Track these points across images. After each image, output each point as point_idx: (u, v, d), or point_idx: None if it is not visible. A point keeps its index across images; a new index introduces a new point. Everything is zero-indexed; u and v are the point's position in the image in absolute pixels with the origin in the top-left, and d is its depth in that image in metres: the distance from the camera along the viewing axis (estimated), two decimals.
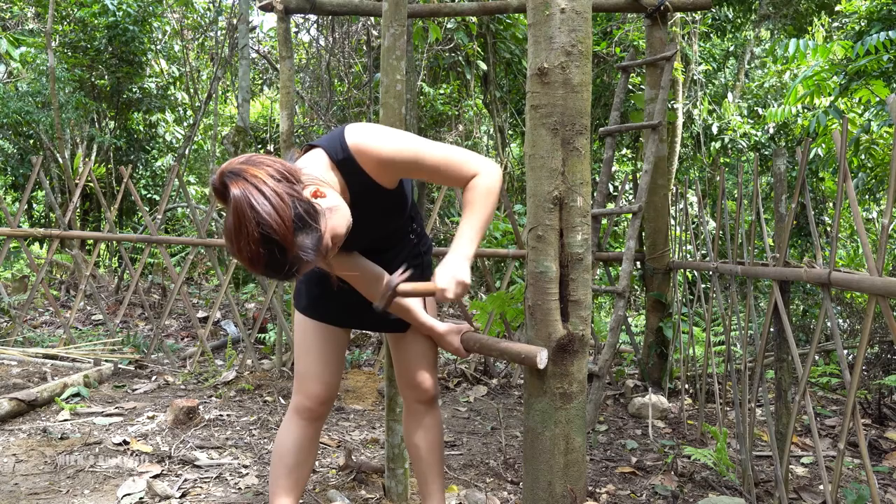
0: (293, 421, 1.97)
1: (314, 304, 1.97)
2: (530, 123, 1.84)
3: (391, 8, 2.34)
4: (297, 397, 1.98)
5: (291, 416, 1.98)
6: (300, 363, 1.98)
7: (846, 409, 1.79)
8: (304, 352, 1.98)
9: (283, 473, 1.94)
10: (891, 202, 1.61)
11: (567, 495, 1.84)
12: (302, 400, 1.97)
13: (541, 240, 1.82)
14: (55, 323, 5.90)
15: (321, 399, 1.97)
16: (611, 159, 4.22)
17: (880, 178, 6.07)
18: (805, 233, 8.39)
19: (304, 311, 1.98)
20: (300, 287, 2.00)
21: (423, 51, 7.97)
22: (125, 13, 8.71)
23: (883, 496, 2.61)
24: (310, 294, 1.97)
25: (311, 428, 1.98)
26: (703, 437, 3.28)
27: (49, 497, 2.45)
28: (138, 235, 5.04)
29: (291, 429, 1.97)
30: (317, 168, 1.61)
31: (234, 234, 1.35)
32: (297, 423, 1.97)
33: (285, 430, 1.98)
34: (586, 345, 1.86)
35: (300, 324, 1.99)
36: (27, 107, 8.21)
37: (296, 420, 1.97)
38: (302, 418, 1.97)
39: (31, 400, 3.43)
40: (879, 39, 4.74)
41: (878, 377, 3.78)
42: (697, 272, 4.01)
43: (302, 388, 1.97)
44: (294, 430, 1.96)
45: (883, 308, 1.69)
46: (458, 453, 3.07)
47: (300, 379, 1.98)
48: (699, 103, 9.92)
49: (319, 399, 1.97)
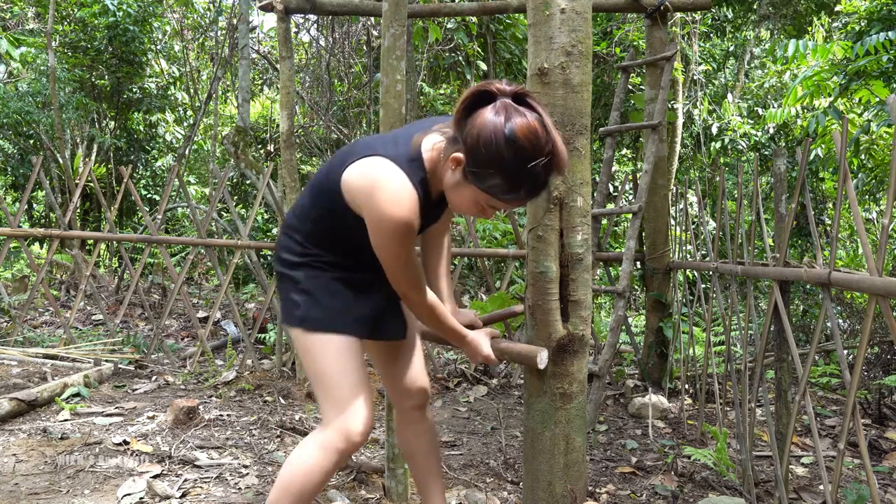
0: (333, 461, 1.71)
1: (361, 321, 1.77)
2: None
3: (391, 8, 2.34)
4: (348, 433, 1.70)
5: (333, 456, 1.70)
6: (346, 392, 1.71)
7: (846, 409, 1.79)
8: (351, 379, 1.72)
9: (304, 501, 1.74)
10: (891, 202, 1.61)
11: (567, 495, 1.84)
12: (354, 437, 1.70)
13: (541, 240, 1.82)
14: (55, 323, 5.90)
15: (370, 428, 1.74)
16: (611, 159, 4.22)
17: (880, 179, 6.08)
18: (805, 233, 8.39)
19: (348, 329, 1.74)
20: (331, 304, 1.74)
21: (423, 51, 7.97)
22: (125, 13, 8.71)
23: (883, 496, 2.61)
24: (352, 309, 1.76)
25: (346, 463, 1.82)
26: (703, 437, 3.28)
27: (49, 497, 2.45)
28: (138, 235, 5.04)
29: (327, 468, 1.71)
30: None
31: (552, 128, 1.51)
32: (336, 462, 1.72)
33: (318, 468, 1.71)
34: (586, 345, 1.86)
35: (338, 346, 1.72)
36: (27, 107, 8.21)
37: (336, 460, 1.71)
38: (345, 458, 1.73)
39: (32, 400, 3.43)
40: (879, 40, 4.74)
41: (878, 377, 3.78)
42: (697, 272, 4.01)
43: (354, 423, 1.70)
44: (330, 469, 1.72)
45: (883, 308, 1.69)
46: (458, 453, 3.08)
47: (351, 412, 1.70)
48: (699, 103, 9.92)
49: (370, 428, 1.74)
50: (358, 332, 1.76)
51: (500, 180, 1.49)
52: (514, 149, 1.45)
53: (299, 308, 1.74)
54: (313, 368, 1.75)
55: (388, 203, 1.54)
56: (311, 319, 1.73)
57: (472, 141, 1.48)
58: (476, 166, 1.50)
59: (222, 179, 4.57)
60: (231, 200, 4.70)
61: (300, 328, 1.73)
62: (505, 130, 1.45)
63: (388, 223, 1.55)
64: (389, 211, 1.54)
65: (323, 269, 1.76)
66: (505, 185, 1.50)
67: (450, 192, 1.61)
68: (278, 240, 1.84)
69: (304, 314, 1.73)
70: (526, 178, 1.49)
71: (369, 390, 1.76)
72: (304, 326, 1.73)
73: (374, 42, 8.28)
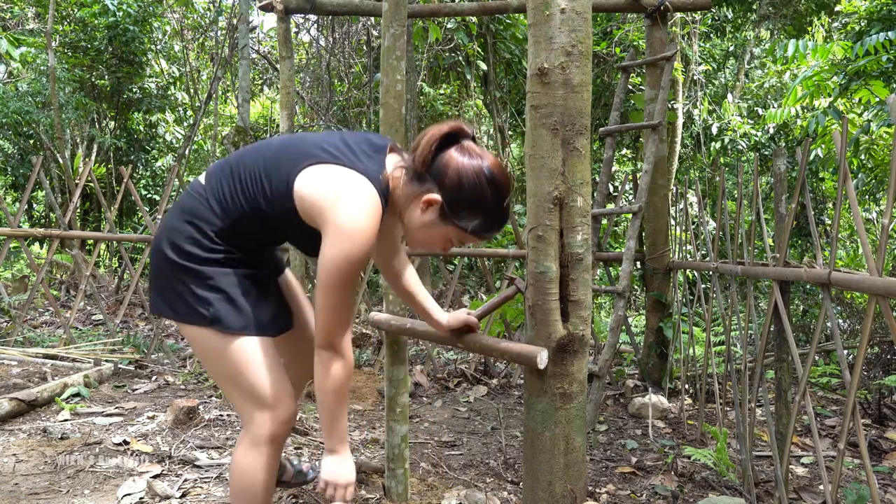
0: (267, 453, 1.70)
1: (272, 320, 1.74)
2: (530, 123, 1.84)
3: (391, 8, 2.34)
4: (271, 425, 1.69)
5: (264, 448, 1.70)
6: (263, 385, 1.67)
7: (846, 409, 1.79)
8: (266, 370, 1.68)
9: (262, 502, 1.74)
10: (891, 202, 1.61)
11: (567, 495, 1.84)
12: (278, 426, 1.70)
13: (541, 240, 1.82)
14: (55, 323, 5.90)
15: (295, 417, 1.75)
16: (611, 159, 4.22)
17: (880, 179, 6.08)
18: (805, 233, 8.39)
19: (264, 330, 1.71)
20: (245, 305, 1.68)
21: (423, 51, 7.98)
22: (125, 13, 8.72)
23: (883, 496, 2.61)
24: (262, 309, 1.72)
25: (280, 452, 1.79)
26: (703, 437, 3.29)
27: (49, 497, 2.45)
28: (138, 235, 5.04)
29: (266, 462, 1.71)
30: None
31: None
32: (271, 453, 1.71)
33: (258, 465, 1.70)
34: (586, 345, 1.86)
35: (257, 348, 1.68)
36: (27, 107, 8.22)
37: (270, 451, 1.71)
38: (276, 446, 1.72)
39: (32, 400, 3.43)
40: (879, 40, 4.74)
41: (878, 377, 3.78)
42: (697, 272, 4.01)
43: (277, 413, 1.69)
44: (269, 462, 1.71)
45: (883, 308, 1.69)
46: (458, 453, 3.08)
47: (272, 403, 1.69)
48: (699, 103, 9.92)
49: (294, 417, 1.75)
50: (271, 332, 1.72)
51: (481, 220, 1.58)
52: (495, 188, 1.57)
53: (209, 307, 1.64)
54: (226, 370, 1.68)
55: (358, 218, 1.50)
56: (225, 321, 1.64)
57: (451, 183, 1.55)
58: (459, 208, 1.56)
59: None
60: None
61: (211, 329, 1.64)
62: (485, 172, 1.56)
63: (350, 238, 1.50)
64: (359, 226, 1.50)
65: (233, 266, 1.68)
66: (486, 223, 1.60)
67: (416, 230, 1.64)
68: (175, 226, 1.67)
69: (216, 314, 1.64)
70: (503, 214, 1.62)
71: (289, 382, 1.74)
72: (216, 328, 1.64)
73: (374, 42, 8.28)
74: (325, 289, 1.55)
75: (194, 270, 1.64)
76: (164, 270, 1.68)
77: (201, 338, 1.67)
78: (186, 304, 1.65)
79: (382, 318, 2.38)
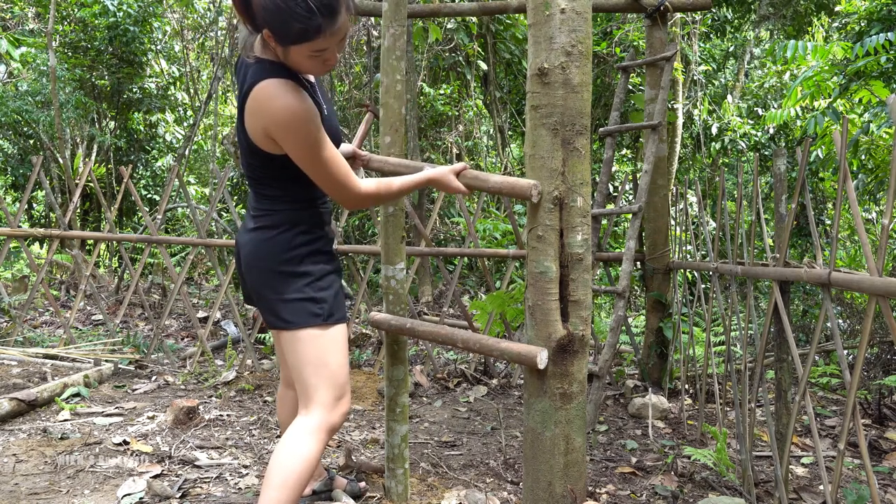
0: (322, 440, 1.81)
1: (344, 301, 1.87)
2: (530, 123, 1.85)
3: (391, 8, 2.35)
4: (338, 412, 1.82)
5: (323, 435, 1.80)
6: (341, 376, 1.81)
7: (846, 409, 1.79)
8: (343, 362, 1.82)
9: (302, 491, 1.81)
10: (891, 202, 1.61)
11: (567, 495, 1.84)
12: (341, 417, 1.83)
13: (541, 240, 1.82)
14: (55, 323, 5.90)
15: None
16: (611, 159, 4.22)
17: (880, 180, 6.08)
18: (805, 233, 8.40)
19: (343, 318, 1.84)
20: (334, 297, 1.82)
21: (423, 51, 7.98)
22: (125, 13, 8.72)
23: (883, 496, 2.61)
24: (340, 291, 1.85)
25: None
26: (703, 438, 3.29)
27: (49, 497, 2.45)
28: (138, 235, 5.04)
29: (319, 450, 1.80)
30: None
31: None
32: (324, 441, 1.82)
33: (311, 451, 1.78)
34: (586, 345, 1.86)
35: (343, 332, 1.83)
36: (27, 107, 8.22)
37: (325, 439, 1.81)
38: (330, 436, 1.83)
39: (31, 400, 3.43)
40: (879, 40, 4.74)
41: (878, 377, 3.78)
42: (697, 272, 4.01)
43: (343, 402, 1.82)
44: (320, 450, 1.81)
45: (883, 308, 1.69)
46: (458, 453, 3.08)
47: (343, 392, 1.82)
48: (699, 103, 9.93)
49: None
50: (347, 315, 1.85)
51: (295, 24, 1.56)
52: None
53: (324, 304, 1.77)
54: (318, 357, 1.78)
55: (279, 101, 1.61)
56: (334, 311, 1.79)
57: (259, 17, 1.59)
58: (277, 30, 1.59)
59: (222, 179, 4.57)
60: (231, 200, 4.70)
61: (322, 326, 1.78)
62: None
63: (292, 117, 1.61)
64: (286, 105, 1.61)
65: (319, 251, 1.83)
66: (301, 25, 1.56)
67: (293, 65, 1.70)
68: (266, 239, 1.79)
69: (329, 309, 1.78)
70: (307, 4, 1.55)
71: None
72: (330, 322, 1.79)
73: (374, 42, 8.28)
74: (314, 173, 1.70)
75: (298, 272, 1.78)
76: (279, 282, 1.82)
77: (304, 338, 1.78)
78: (301, 308, 1.78)
79: (382, 318, 2.38)
